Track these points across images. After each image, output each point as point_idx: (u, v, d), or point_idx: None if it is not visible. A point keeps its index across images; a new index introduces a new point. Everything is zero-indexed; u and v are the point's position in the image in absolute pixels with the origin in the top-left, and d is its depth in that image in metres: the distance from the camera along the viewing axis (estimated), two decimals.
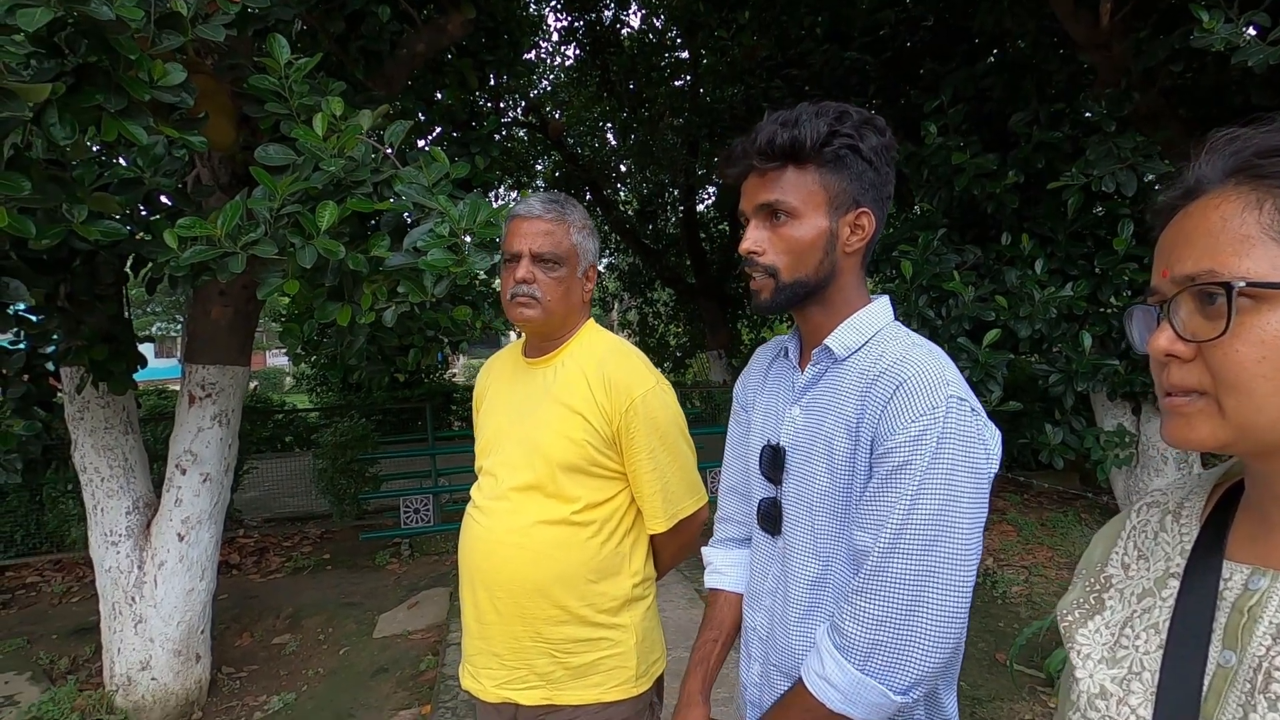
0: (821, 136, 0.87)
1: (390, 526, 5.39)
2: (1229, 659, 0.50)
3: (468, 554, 1.28)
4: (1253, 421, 0.48)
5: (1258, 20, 2.66)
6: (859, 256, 0.94)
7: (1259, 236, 0.47)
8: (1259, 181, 0.49)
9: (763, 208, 0.91)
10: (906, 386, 0.82)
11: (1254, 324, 0.47)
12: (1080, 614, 0.62)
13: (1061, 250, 3.88)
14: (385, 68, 3.49)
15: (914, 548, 0.80)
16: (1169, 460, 4.22)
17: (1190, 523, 0.59)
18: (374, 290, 2.12)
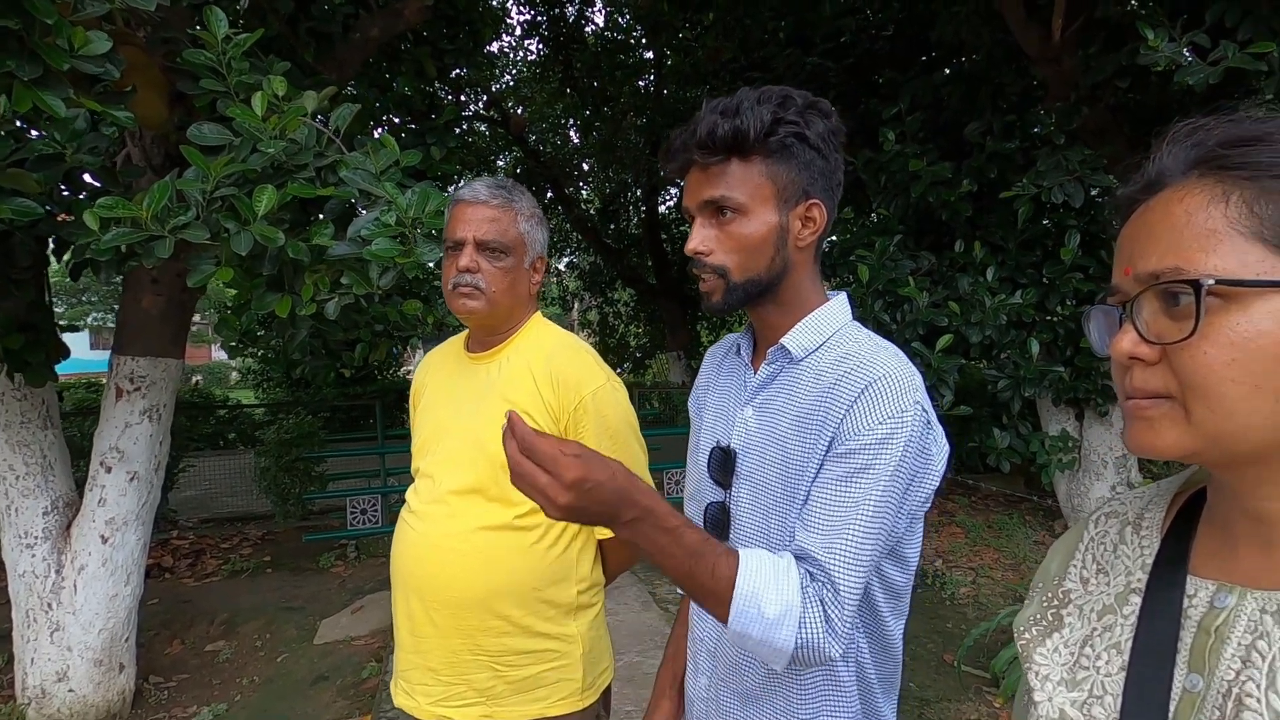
0: (765, 125, 0.82)
1: (336, 527, 5.21)
2: (1195, 683, 0.47)
3: (402, 562, 1.20)
4: (1222, 429, 0.45)
5: (1198, 41, 2.75)
6: (812, 250, 0.89)
7: (1226, 231, 0.44)
8: (1224, 173, 0.46)
9: (708, 204, 0.86)
10: (875, 388, 0.79)
11: (1222, 324, 0.44)
12: (1038, 631, 0.59)
13: (1012, 259, 3.97)
14: (337, 51, 3.35)
15: (860, 555, 0.78)
16: (1109, 465, 4.37)
17: (1151, 535, 0.56)
18: (316, 281, 2.01)
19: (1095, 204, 3.70)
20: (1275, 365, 0.43)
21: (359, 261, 1.99)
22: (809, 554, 0.78)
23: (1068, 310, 3.85)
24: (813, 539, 0.79)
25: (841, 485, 0.79)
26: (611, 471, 0.68)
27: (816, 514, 0.80)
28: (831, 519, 0.78)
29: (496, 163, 11.37)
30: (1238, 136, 0.47)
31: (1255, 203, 0.44)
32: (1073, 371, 4.02)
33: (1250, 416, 0.44)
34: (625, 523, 0.70)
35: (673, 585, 3.82)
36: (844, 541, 0.77)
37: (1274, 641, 0.45)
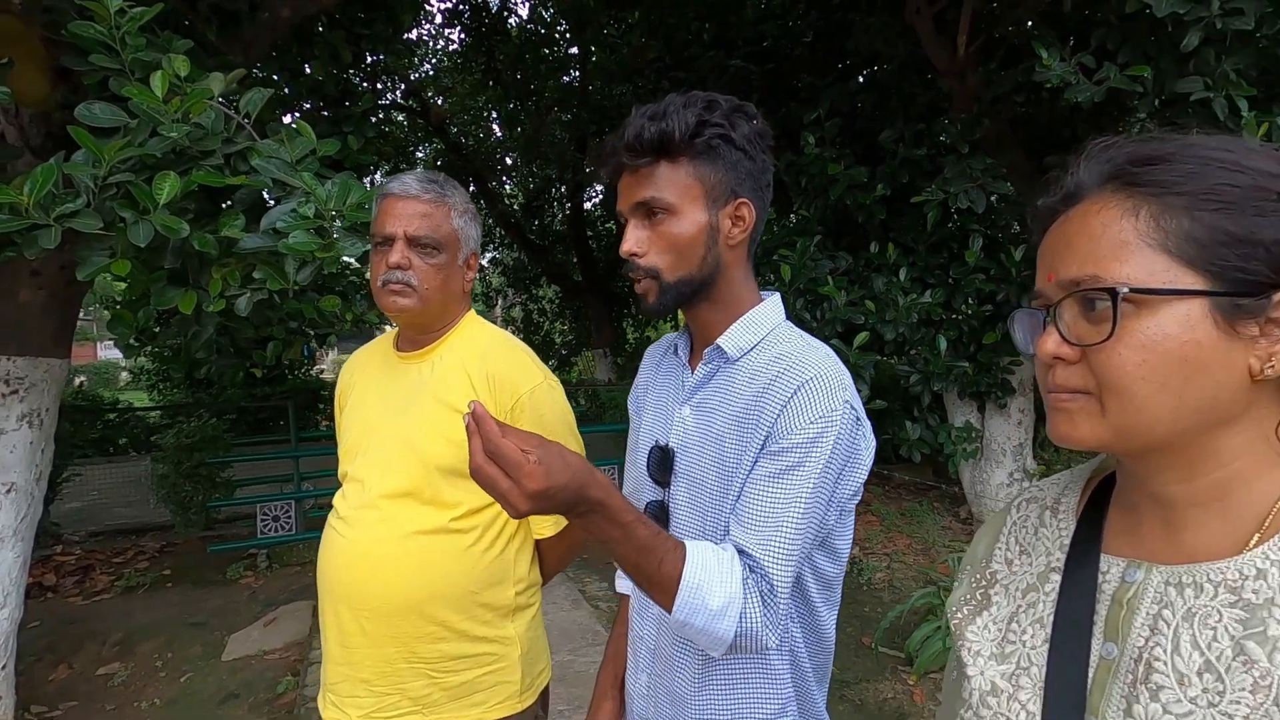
0: (690, 127, 0.84)
1: (245, 536, 4.91)
2: (1110, 651, 0.52)
3: (330, 571, 1.15)
4: (1132, 422, 0.49)
5: (1085, 62, 2.99)
6: (743, 249, 0.92)
7: (1136, 243, 0.49)
8: (1134, 189, 0.50)
9: (639, 206, 0.88)
10: (808, 387, 0.82)
11: (1134, 328, 0.48)
12: (968, 611, 0.63)
13: (922, 260, 4.19)
14: (243, 31, 3.15)
15: (792, 549, 0.81)
16: (1007, 453, 4.69)
17: (1067, 518, 0.61)
18: (225, 275, 1.89)
19: (995, 210, 3.96)
20: (1178, 365, 0.48)
21: (273, 255, 1.88)
22: (745, 549, 0.81)
23: (972, 309, 4.10)
24: (748, 535, 0.81)
25: (774, 482, 0.82)
26: (573, 472, 0.68)
27: (750, 510, 0.82)
28: (765, 515, 0.81)
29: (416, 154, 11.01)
30: (1145, 155, 0.51)
31: (1160, 217, 0.49)
32: (976, 367, 4.29)
33: (1156, 411, 0.48)
34: (579, 515, 0.71)
35: (602, 583, 3.81)
36: (777, 537, 0.80)
37: (1177, 610, 0.50)
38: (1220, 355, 0.47)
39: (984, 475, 4.73)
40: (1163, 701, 0.48)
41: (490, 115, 10.75)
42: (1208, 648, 0.48)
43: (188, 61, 1.82)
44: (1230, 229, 0.47)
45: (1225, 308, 0.47)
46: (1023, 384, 4.53)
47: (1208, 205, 0.48)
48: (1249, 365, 0.48)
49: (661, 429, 0.97)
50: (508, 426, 0.67)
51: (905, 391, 4.24)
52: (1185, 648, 0.48)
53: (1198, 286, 0.47)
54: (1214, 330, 0.47)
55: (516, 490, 0.65)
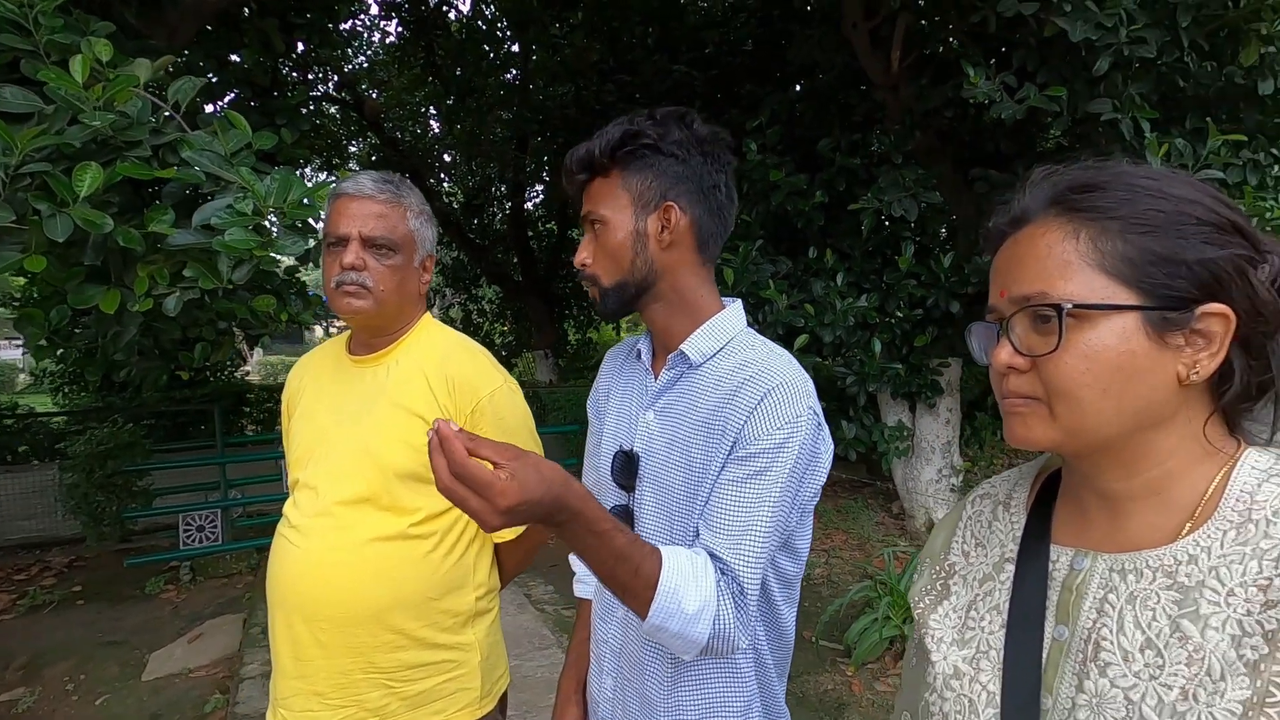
0: (613, 142, 0.90)
1: (166, 548, 4.65)
2: (1062, 633, 0.57)
3: (282, 581, 1.11)
4: (1079, 424, 0.55)
5: (1008, 81, 3.17)
6: (684, 251, 0.93)
7: (1078, 263, 0.54)
8: (1074, 214, 0.56)
9: (584, 219, 0.95)
10: (774, 395, 0.85)
11: (1078, 340, 0.53)
12: (930, 600, 0.68)
13: (858, 265, 4.34)
14: (166, 15, 2.99)
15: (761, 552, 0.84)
16: (936, 451, 4.91)
17: (1019, 512, 0.66)
18: (152, 273, 1.79)
19: (926, 218, 4.14)
20: (1116, 373, 0.53)
21: (205, 252, 1.79)
22: (715, 553, 0.83)
23: (904, 313, 4.27)
24: (718, 539, 0.84)
25: (742, 487, 0.84)
26: (548, 485, 0.67)
27: (720, 514, 0.85)
28: (735, 519, 0.84)
29: (349, 149, 10.66)
30: (1083, 183, 0.57)
31: (1098, 240, 0.54)
32: (908, 368, 4.48)
33: (1099, 414, 0.54)
34: (554, 525, 0.72)
35: (548, 586, 3.80)
36: (747, 540, 0.83)
37: (1120, 594, 0.55)
38: (1152, 363, 0.53)
39: (915, 472, 4.94)
40: (1110, 677, 0.53)
41: (428, 111, 10.50)
42: (1148, 627, 0.53)
43: (110, 45, 1.72)
44: (1157, 250, 0.53)
45: (1155, 321, 0.52)
46: (950, 385, 4.76)
47: (1138, 229, 0.53)
48: (1177, 372, 0.53)
49: (625, 433, 0.98)
50: (481, 440, 0.65)
51: (842, 392, 4.38)
52: (1129, 628, 0.53)
53: (1131, 302, 0.53)
54: (1146, 341, 0.53)
55: (489, 508, 0.65)
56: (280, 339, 3.10)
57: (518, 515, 0.66)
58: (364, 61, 9.95)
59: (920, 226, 4.23)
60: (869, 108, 4.51)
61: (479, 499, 0.65)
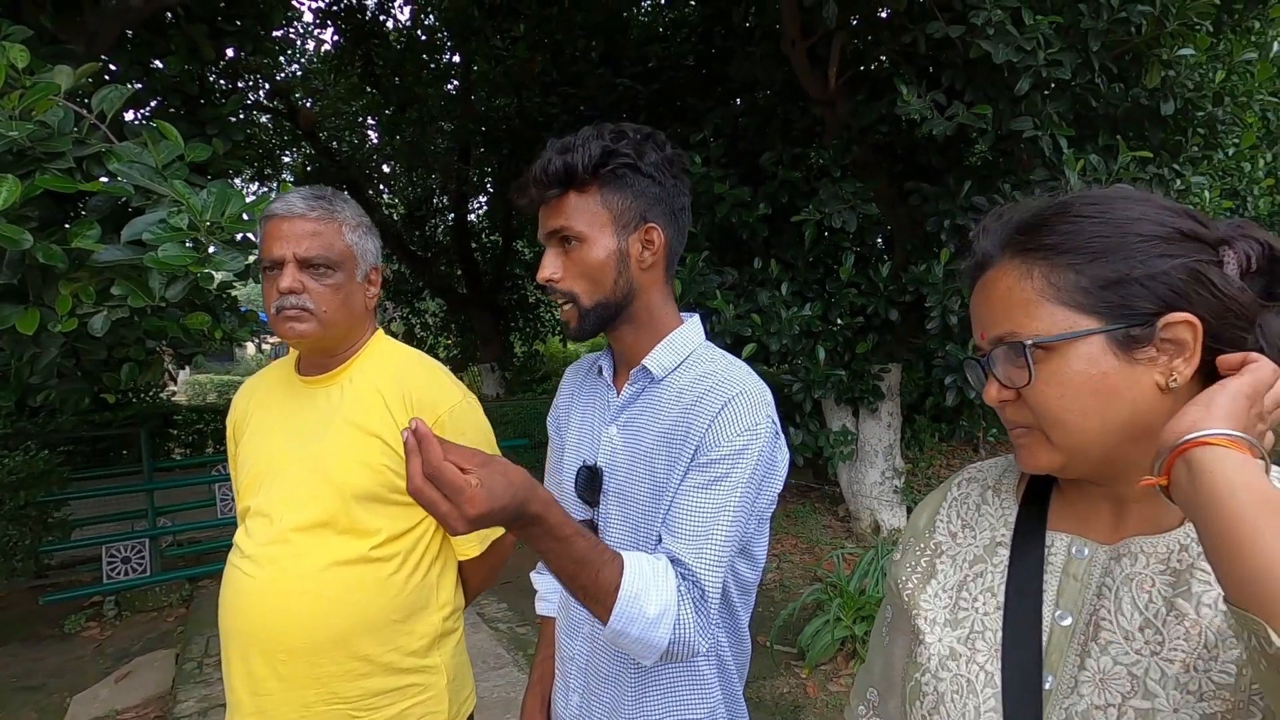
0: (595, 158, 0.89)
1: (87, 583, 4.36)
2: (1065, 618, 0.60)
3: (236, 614, 1.06)
4: (1073, 445, 0.59)
5: (938, 99, 3.33)
6: (658, 272, 0.96)
7: (1037, 300, 0.58)
8: (1026, 254, 0.60)
9: (553, 235, 0.92)
10: (735, 403, 0.87)
11: (1050, 370, 0.57)
12: (918, 580, 0.70)
13: (801, 275, 4.45)
14: (86, 20, 2.85)
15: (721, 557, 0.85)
16: (879, 454, 5.06)
17: (1009, 498, 0.70)
18: (76, 291, 1.70)
19: (865, 229, 4.29)
20: (1092, 395, 0.57)
21: (134, 269, 1.71)
22: (677, 558, 0.84)
23: (846, 321, 4.41)
24: (680, 544, 0.84)
25: (703, 493, 0.85)
26: (514, 490, 0.68)
27: (681, 520, 0.85)
28: (696, 525, 0.84)
29: (283, 159, 10.32)
30: (1028, 223, 0.61)
31: (1050, 276, 0.58)
32: (850, 374, 4.61)
33: (1086, 434, 0.58)
34: (518, 529, 0.72)
35: (501, 603, 3.74)
36: (708, 545, 0.84)
37: (1117, 578, 0.59)
38: (1126, 379, 0.56)
39: (859, 475, 5.08)
40: (1112, 655, 0.57)
41: (366, 121, 10.26)
42: (1145, 608, 0.57)
43: (26, 51, 1.63)
44: (1107, 274, 0.56)
45: (1120, 339, 0.56)
46: (891, 389, 4.92)
47: (1085, 258, 0.57)
48: (1156, 381, 0.56)
49: (588, 449, 0.98)
50: (449, 444, 0.66)
51: (788, 399, 4.48)
52: (1127, 609, 0.57)
53: (1092, 328, 0.56)
54: (1116, 360, 0.56)
55: (456, 513, 0.65)
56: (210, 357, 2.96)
57: (484, 522, 0.66)
58: (298, 70, 9.67)
59: (859, 237, 4.38)
60: (808, 123, 4.65)
61: (449, 504, 0.65)
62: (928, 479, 6.34)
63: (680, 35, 5.56)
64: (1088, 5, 2.98)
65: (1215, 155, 4.23)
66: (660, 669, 0.92)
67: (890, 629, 0.72)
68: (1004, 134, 3.41)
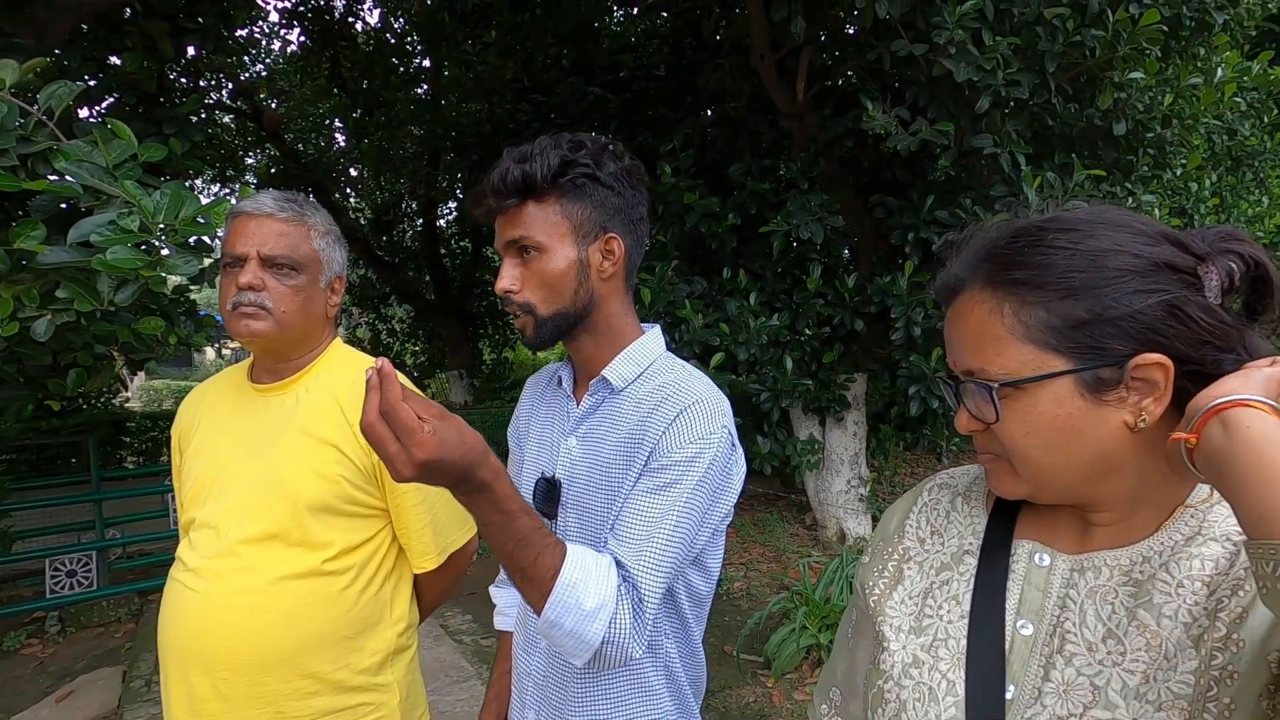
0: (554, 168, 0.88)
1: (28, 597, 4.17)
2: (1026, 627, 0.60)
3: (177, 630, 1.02)
4: (1038, 478, 0.59)
5: (902, 115, 3.40)
6: (618, 282, 0.95)
7: (1006, 337, 0.57)
8: (996, 286, 0.58)
9: (511, 244, 0.91)
10: (690, 412, 0.86)
11: (1016, 408, 0.57)
12: (884, 585, 0.70)
13: (770, 286, 4.50)
14: (36, 13, 2.75)
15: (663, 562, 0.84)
16: (845, 462, 5.12)
17: (979, 506, 0.69)
18: (18, 294, 1.63)
19: (831, 241, 4.35)
20: (1058, 435, 0.56)
21: (81, 272, 1.65)
22: (619, 559, 0.83)
23: (813, 330, 4.46)
24: (623, 547, 0.83)
25: (651, 498, 0.85)
26: (466, 449, 0.67)
27: (627, 523, 0.85)
28: (640, 528, 0.84)
29: (246, 160, 10.10)
30: (998, 252, 0.59)
31: (1020, 313, 0.57)
32: (817, 384, 4.66)
33: (1050, 470, 0.58)
34: (464, 494, 0.71)
35: (466, 616, 3.68)
36: (650, 549, 0.83)
37: (1081, 590, 0.59)
38: (1092, 420, 0.55)
39: (826, 483, 5.13)
40: (1076, 666, 0.57)
41: (333, 124, 10.11)
42: (1108, 619, 0.57)
43: None
44: (1080, 314, 0.54)
45: (1089, 381, 0.55)
46: (857, 399, 4.99)
47: (1057, 295, 0.55)
48: (1125, 420, 0.55)
49: (547, 460, 0.97)
50: (411, 393, 0.66)
51: (756, 408, 4.51)
52: (1090, 620, 0.58)
53: (1060, 368, 0.55)
54: (1082, 401, 0.55)
55: (404, 456, 0.64)
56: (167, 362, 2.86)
57: (430, 471, 0.65)
58: (263, 70, 9.49)
59: (826, 249, 4.44)
60: (777, 135, 4.72)
61: (398, 445, 0.64)
62: (893, 487, 6.44)
63: (651, 45, 5.60)
64: (1044, 28, 3.07)
65: (1164, 175, 4.40)
66: (606, 676, 0.90)
67: (855, 631, 0.72)
68: (965, 150, 3.50)
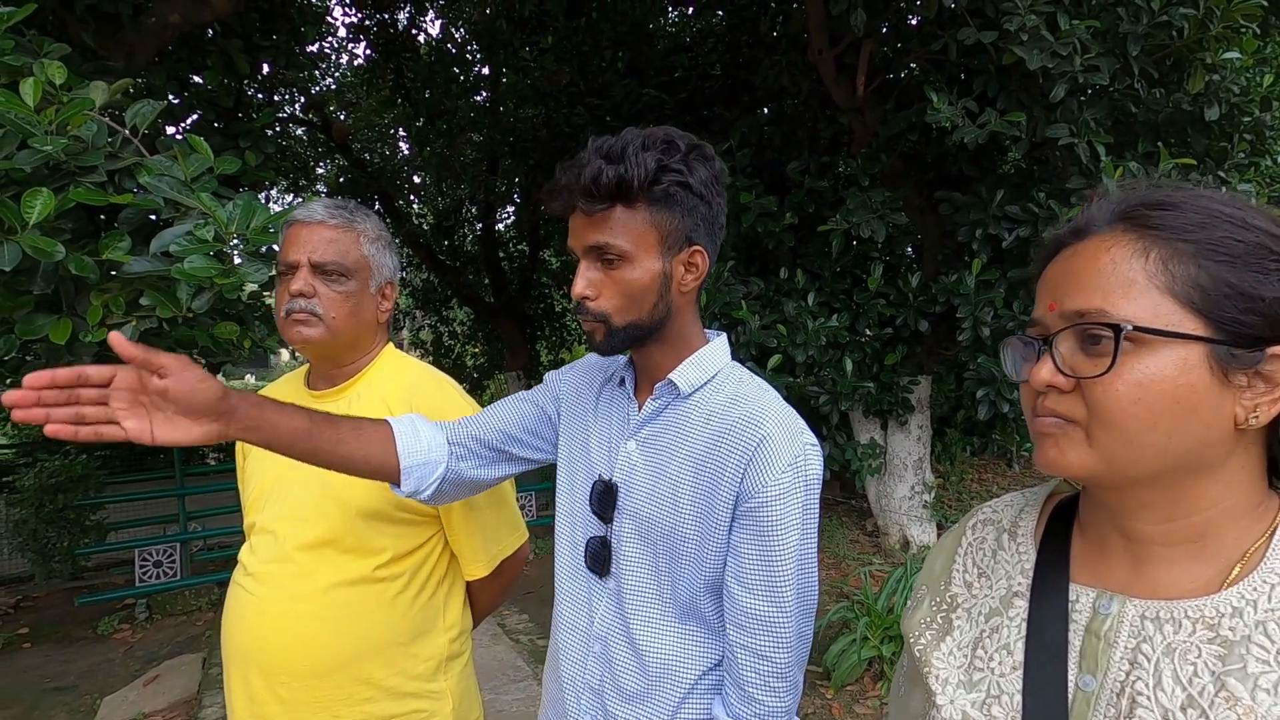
0: (650, 173, 0.82)
1: (120, 585, 4.45)
2: (1089, 683, 0.53)
3: (238, 634, 1.05)
4: (1121, 455, 0.51)
5: (969, 106, 3.26)
6: (694, 294, 0.92)
7: (1144, 283, 0.50)
8: (1145, 231, 0.52)
9: (592, 249, 0.86)
10: (770, 442, 0.83)
11: (1133, 366, 0.49)
12: (932, 636, 0.64)
13: (828, 286, 4.39)
14: (126, 36, 2.93)
15: (798, 604, 0.83)
16: (908, 468, 4.95)
17: (1027, 543, 0.62)
18: (107, 302, 1.73)
19: (893, 239, 4.22)
20: (1171, 406, 0.49)
21: (163, 280, 1.74)
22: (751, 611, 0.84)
23: (874, 332, 4.33)
24: (754, 600, 0.84)
25: (760, 539, 0.83)
26: (212, 381, 0.79)
27: (747, 571, 0.84)
28: (761, 576, 0.83)
29: (317, 170, 10.53)
30: (1156, 200, 0.53)
31: (1169, 261, 0.50)
32: (879, 386, 4.52)
33: (1145, 448, 0.50)
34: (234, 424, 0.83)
35: (522, 615, 3.70)
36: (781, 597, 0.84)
37: (1156, 646, 0.51)
38: (1212, 401, 0.49)
39: (888, 489, 4.97)
40: None
41: (397, 133, 10.44)
42: (1189, 683, 0.49)
43: (64, 68, 1.68)
44: (1233, 281, 0.49)
45: (1222, 356, 0.49)
46: (921, 402, 4.81)
47: (1214, 256, 0.49)
48: (1235, 414, 0.49)
49: (604, 463, 0.95)
50: (156, 352, 0.79)
51: (815, 411, 4.40)
52: (1167, 683, 0.49)
53: (1199, 332, 0.49)
54: (1209, 376, 0.49)
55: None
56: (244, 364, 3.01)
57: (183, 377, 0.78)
58: (332, 83, 9.89)
59: (888, 247, 4.31)
60: (836, 131, 4.60)
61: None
62: (959, 493, 6.19)
63: (707, 45, 5.55)
64: (1126, 9, 2.89)
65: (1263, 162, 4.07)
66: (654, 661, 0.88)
67: (907, 679, 0.66)
68: (1038, 141, 3.32)
